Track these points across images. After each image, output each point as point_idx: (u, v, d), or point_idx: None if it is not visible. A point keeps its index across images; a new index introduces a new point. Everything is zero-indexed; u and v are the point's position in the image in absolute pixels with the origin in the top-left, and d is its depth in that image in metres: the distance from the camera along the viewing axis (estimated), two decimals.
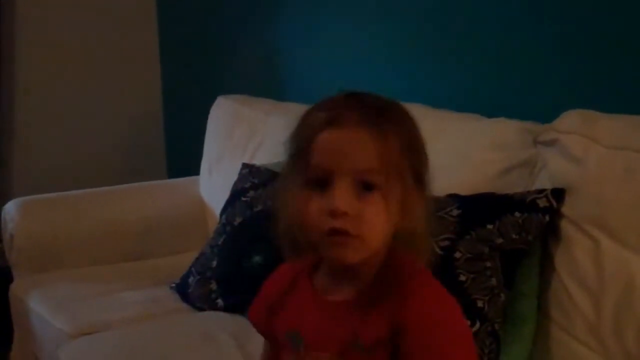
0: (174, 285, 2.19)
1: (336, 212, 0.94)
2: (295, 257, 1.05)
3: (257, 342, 1.19)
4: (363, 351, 0.97)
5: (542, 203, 1.53)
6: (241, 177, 2.23)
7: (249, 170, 2.22)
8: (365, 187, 0.95)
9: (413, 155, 0.99)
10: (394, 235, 0.99)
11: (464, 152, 1.77)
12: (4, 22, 3.13)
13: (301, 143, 0.99)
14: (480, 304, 1.47)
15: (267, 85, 2.82)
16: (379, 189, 0.95)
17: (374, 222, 0.95)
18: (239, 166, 2.29)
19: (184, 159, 3.27)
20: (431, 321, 0.96)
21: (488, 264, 1.51)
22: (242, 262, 1.99)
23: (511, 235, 1.51)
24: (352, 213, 0.94)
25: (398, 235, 0.99)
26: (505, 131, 1.72)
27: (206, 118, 2.74)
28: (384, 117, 0.97)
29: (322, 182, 0.96)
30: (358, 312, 0.99)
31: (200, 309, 2.06)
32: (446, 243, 1.53)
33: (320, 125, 0.97)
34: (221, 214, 2.23)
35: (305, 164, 0.98)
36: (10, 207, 2.50)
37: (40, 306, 2.18)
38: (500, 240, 1.52)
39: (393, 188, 0.96)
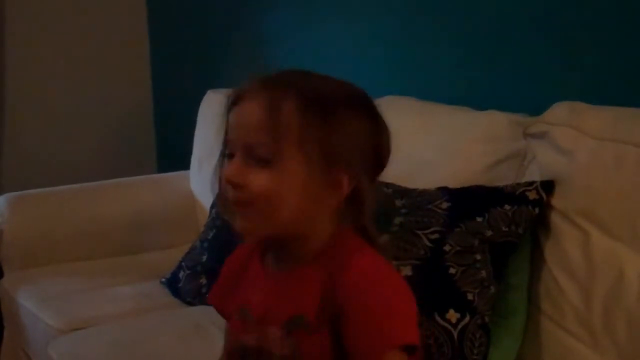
0: (164, 279, 2.18)
1: (227, 180, 0.98)
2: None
3: None
4: (307, 329, 0.98)
5: (531, 195, 1.52)
6: None
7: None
8: (256, 160, 0.97)
9: (327, 135, 0.98)
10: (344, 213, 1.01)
11: (453, 144, 1.76)
12: None
13: (225, 121, 1.03)
14: (470, 296, 1.47)
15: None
16: (268, 162, 0.97)
17: (260, 190, 0.96)
18: None
19: (174, 153, 3.26)
20: (365, 291, 0.96)
21: (478, 257, 1.51)
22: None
23: (501, 228, 1.51)
24: (238, 180, 0.97)
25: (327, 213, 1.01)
26: (494, 124, 1.72)
27: (196, 112, 2.73)
28: (285, 92, 0.98)
29: (231, 157, 1.00)
30: (298, 286, 1.01)
31: (191, 304, 2.06)
32: (436, 236, 1.53)
33: (232, 102, 1.02)
34: (211, 209, 2.22)
35: (224, 140, 1.03)
36: (0, 202, 2.49)
37: (30, 302, 2.17)
38: (489, 233, 1.52)
39: (289, 163, 0.97)
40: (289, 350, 0.99)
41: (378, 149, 1.03)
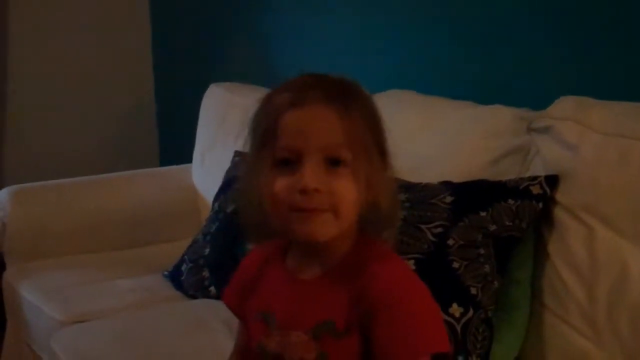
0: (166, 273, 2.18)
1: (307, 190, 0.95)
2: (263, 240, 1.07)
3: None
4: (336, 335, 0.98)
5: (535, 190, 1.52)
6: (234, 165, 2.22)
7: (241, 157, 2.22)
8: (333, 163, 0.96)
9: (376, 132, 1.01)
10: (363, 215, 1.00)
11: (457, 139, 1.76)
12: None
13: (267, 125, 1.00)
14: (473, 291, 1.47)
15: (259, 73, 2.81)
16: (346, 164, 0.96)
17: (345, 196, 0.96)
18: (232, 154, 2.28)
19: (176, 147, 3.26)
20: (395, 300, 0.96)
21: (481, 251, 1.51)
22: (234, 250, 1.98)
23: (504, 222, 1.51)
24: (323, 189, 0.95)
25: (365, 212, 1.00)
26: (498, 118, 1.71)
27: (198, 106, 2.73)
28: (347, 94, 0.99)
29: (290, 163, 0.97)
30: (326, 292, 1.00)
31: (193, 297, 2.05)
32: (439, 230, 1.53)
33: (284, 106, 0.98)
34: (214, 202, 2.22)
35: (271, 145, 0.98)
36: (3, 195, 2.49)
37: (33, 294, 2.17)
38: (493, 227, 1.51)
39: (360, 163, 0.97)
40: (314, 356, 0.98)
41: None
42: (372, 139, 0.99)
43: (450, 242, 1.51)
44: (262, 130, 1.00)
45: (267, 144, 0.99)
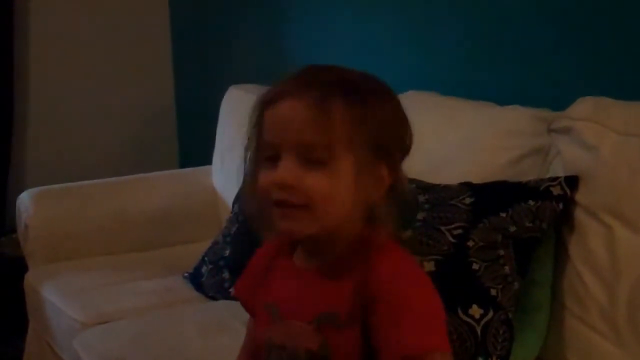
0: (187, 274, 2.19)
1: (280, 185, 0.95)
2: (268, 232, 1.06)
3: None
4: (338, 326, 0.98)
5: (555, 191, 1.52)
6: None
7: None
8: (311, 162, 0.95)
9: (374, 128, 0.97)
10: (364, 212, 1.00)
11: (477, 139, 1.76)
12: (17, 14, 3.14)
13: (254, 121, 1.01)
14: (493, 292, 1.47)
15: (278, 75, 2.80)
16: (324, 162, 0.95)
17: (318, 193, 0.95)
18: None
19: (196, 148, 3.27)
20: (396, 293, 0.95)
21: (501, 252, 1.50)
22: (255, 251, 1.98)
23: (525, 223, 1.51)
24: (294, 183, 0.95)
25: (364, 209, 0.99)
26: (518, 119, 1.71)
27: (218, 108, 2.74)
28: (333, 88, 0.96)
29: (273, 159, 0.97)
30: (330, 283, 1.00)
31: (213, 298, 2.06)
32: (459, 231, 1.53)
33: (267, 102, 0.99)
34: (234, 203, 2.23)
35: (259, 141, 1.00)
36: (25, 197, 2.51)
37: (55, 296, 2.19)
38: (513, 229, 1.51)
39: (342, 162, 0.95)
40: (317, 346, 0.98)
41: (405, 137, 1.02)
42: (364, 137, 0.96)
43: (470, 243, 1.51)
44: (252, 127, 1.02)
45: (256, 141, 1.00)
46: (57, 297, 2.17)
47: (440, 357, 0.94)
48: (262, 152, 0.99)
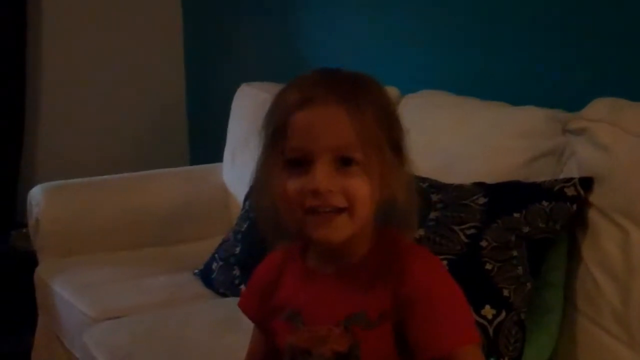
0: (197, 271, 2.20)
1: (318, 191, 0.95)
2: (279, 241, 1.07)
3: None
4: (368, 326, 0.98)
5: (570, 192, 1.51)
6: None
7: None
8: (345, 162, 0.96)
9: (390, 128, 0.99)
10: (381, 212, 1.00)
11: (490, 140, 1.75)
12: (30, 12, 3.15)
13: (277, 124, 0.99)
14: (506, 292, 1.46)
15: (290, 72, 2.80)
16: (358, 163, 0.96)
17: (358, 194, 0.96)
18: None
19: (207, 146, 3.28)
20: (433, 291, 0.97)
21: (514, 253, 1.50)
22: (265, 249, 1.98)
23: (538, 224, 1.50)
24: (335, 190, 0.95)
25: (381, 209, 1.00)
26: (533, 119, 1.70)
27: (229, 105, 2.74)
28: (357, 91, 0.98)
29: (301, 163, 0.96)
30: (353, 284, 1.00)
31: (224, 295, 2.06)
32: (472, 231, 1.52)
33: (294, 106, 0.98)
34: (244, 201, 2.23)
35: (282, 145, 0.98)
36: (36, 192, 2.51)
37: (65, 290, 2.19)
38: (527, 229, 1.50)
39: (372, 161, 0.96)
40: (346, 347, 0.98)
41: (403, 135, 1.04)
42: (385, 136, 0.98)
43: (484, 243, 1.50)
44: (272, 130, 1.00)
45: (278, 144, 0.99)
46: (68, 292, 2.17)
47: (475, 348, 0.98)
48: (286, 157, 0.98)
